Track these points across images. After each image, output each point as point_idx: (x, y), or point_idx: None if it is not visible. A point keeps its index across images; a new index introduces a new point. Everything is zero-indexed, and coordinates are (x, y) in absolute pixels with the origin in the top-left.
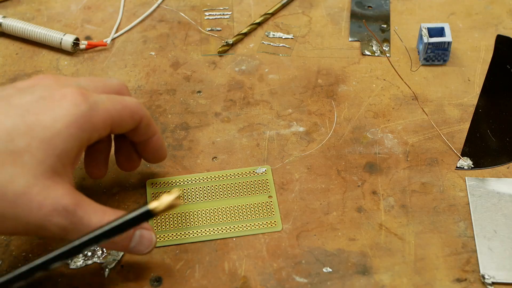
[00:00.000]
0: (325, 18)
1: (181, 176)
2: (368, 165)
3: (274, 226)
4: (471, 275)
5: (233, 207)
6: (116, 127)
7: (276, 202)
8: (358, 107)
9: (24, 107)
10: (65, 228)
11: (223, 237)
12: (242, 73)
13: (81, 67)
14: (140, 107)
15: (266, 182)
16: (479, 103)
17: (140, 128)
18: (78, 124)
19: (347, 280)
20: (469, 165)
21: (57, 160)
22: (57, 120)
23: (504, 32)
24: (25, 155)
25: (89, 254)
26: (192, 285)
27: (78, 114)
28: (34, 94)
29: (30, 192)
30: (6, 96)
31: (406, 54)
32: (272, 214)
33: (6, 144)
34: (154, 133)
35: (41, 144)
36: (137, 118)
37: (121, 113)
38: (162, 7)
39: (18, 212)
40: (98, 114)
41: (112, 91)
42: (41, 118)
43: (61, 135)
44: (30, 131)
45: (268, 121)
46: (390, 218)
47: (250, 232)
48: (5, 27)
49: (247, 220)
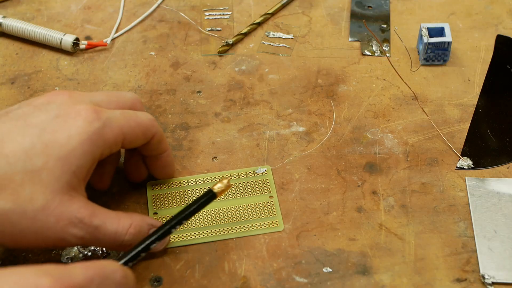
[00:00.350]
0: (325, 18)
1: (182, 178)
2: (368, 165)
3: (275, 226)
4: (471, 275)
5: (234, 208)
6: (128, 143)
7: (277, 202)
8: (358, 107)
9: (40, 126)
10: (83, 238)
11: (224, 238)
12: (242, 73)
13: (81, 67)
14: (153, 124)
15: (266, 182)
16: (479, 103)
17: (151, 144)
18: (91, 141)
19: (347, 280)
20: (469, 165)
21: (73, 176)
22: (72, 138)
23: (504, 32)
24: (42, 173)
25: (89, 254)
26: (192, 285)
27: (91, 131)
28: (50, 113)
29: (48, 208)
30: (23, 115)
31: (406, 54)
32: (273, 214)
33: (25, 164)
34: (165, 149)
35: (57, 162)
36: (149, 135)
37: (134, 130)
38: (162, 7)
39: (37, 228)
40: (111, 131)
41: (126, 106)
42: (57, 136)
43: (76, 152)
44: (47, 149)
45: (268, 121)
46: (390, 218)
47: (252, 233)
48: (5, 27)
49: (248, 221)
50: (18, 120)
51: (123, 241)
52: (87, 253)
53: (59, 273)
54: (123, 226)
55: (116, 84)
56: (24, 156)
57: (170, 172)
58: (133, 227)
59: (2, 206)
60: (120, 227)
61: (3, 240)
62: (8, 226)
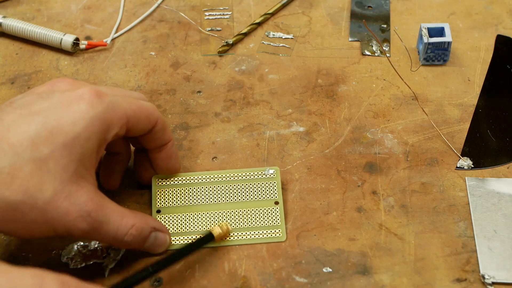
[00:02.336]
0: (325, 18)
1: (187, 174)
2: (368, 165)
3: (278, 236)
4: (471, 275)
5: (236, 212)
6: (132, 127)
7: (282, 209)
8: (358, 107)
9: (44, 114)
10: (87, 232)
11: (225, 245)
12: (242, 73)
13: (81, 67)
14: (155, 110)
15: (273, 185)
16: (479, 103)
17: (155, 131)
18: (94, 125)
19: (347, 280)
20: (469, 165)
21: (80, 164)
22: (76, 124)
23: (504, 32)
24: (49, 162)
25: (89, 254)
26: (192, 285)
27: (94, 115)
28: (53, 100)
29: (58, 199)
30: (27, 104)
31: (406, 54)
32: (277, 223)
33: (32, 153)
34: (168, 139)
35: (63, 150)
36: (152, 120)
37: (136, 113)
38: (162, 7)
39: (47, 219)
40: (114, 113)
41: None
42: (61, 122)
43: (80, 138)
44: (52, 137)
45: (268, 121)
46: (390, 218)
47: (252, 241)
48: (5, 27)
49: (249, 228)
50: (22, 109)
51: (122, 241)
52: (87, 253)
53: None
54: (125, 225)
55: (116, 84)
56: (31, 145)
57: (176, 165)
58: (135, 228)
59: (13, 198)
60: (122, 226)
61: (15, 231)
62: (20, 217)
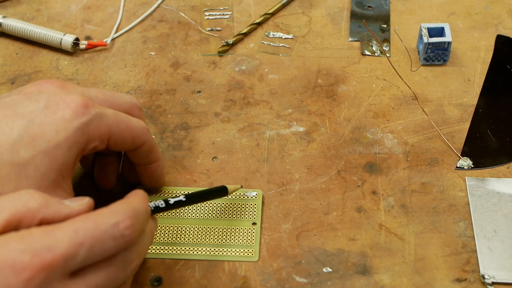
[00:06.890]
0: (325, 18)
1: (171, 188)
2: (368, 165)
3: (250, 256)
4: (471, 275)
5: (215, 229)
6: (114, 144)
7: (258, 231)
8: (358, 107)
9: (29, 117)
10: None
11: (193, 259)
12: (242, 73)
13: (81, 67)
14: (144, 132)
15: (254, 207)
16: (479, 103)
17: (140, 151)
18: (76, 135)
19: (347, 280)
20: (469, 165)
21: (59, 173)
22: (59, 133)
23: (504, 32)
24: (29, 167)
25: None
26: (192, 285)
27: (78, 126)
28: (40, 103)
29: None
30: (12, 104)
31: (406, 54)
32: (251, 243)
33: (11, 156)
34: (154, 160)
35: (44, 158)
36: (138, 142)
37: (122, 132)
38: (162, 7)
39: None
40: (98, 127)
41: (122, 108)
42: (44, 129)
43: (62, 148)
44: (34, 142)
45: (268, 121)
46: (390, 218)
47: (222, 258)
48: (5, 27)
49: (223, 245)
50: (7, 109)
51: None
52: None
53: (40, 246)
54: None
55: (116, 84)
56: (11, 148)
57: (160, 182)
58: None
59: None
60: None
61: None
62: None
